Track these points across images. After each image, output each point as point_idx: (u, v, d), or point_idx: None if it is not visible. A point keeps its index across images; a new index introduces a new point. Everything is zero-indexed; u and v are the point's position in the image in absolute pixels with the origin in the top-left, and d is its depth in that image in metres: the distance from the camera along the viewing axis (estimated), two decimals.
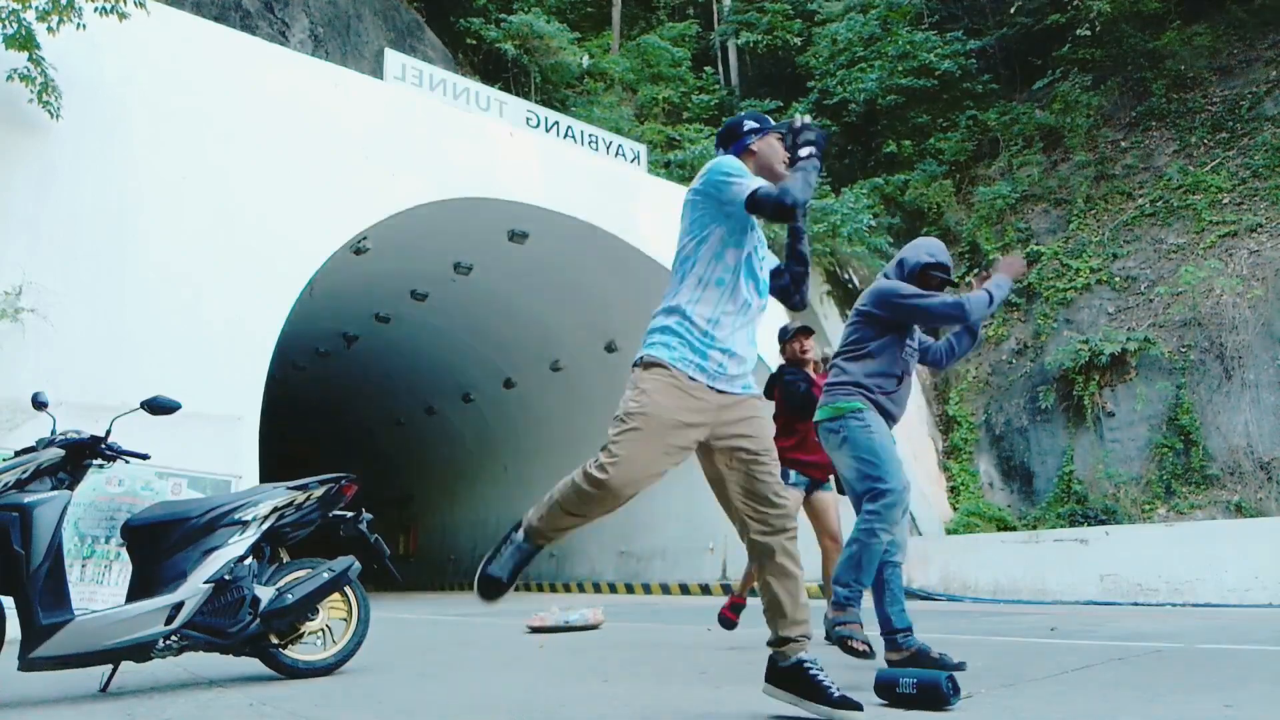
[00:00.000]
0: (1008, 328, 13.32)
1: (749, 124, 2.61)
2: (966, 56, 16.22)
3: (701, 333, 2.35)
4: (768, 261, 2.56)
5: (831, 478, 4.84)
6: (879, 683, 2.68)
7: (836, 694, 2.28)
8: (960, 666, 3.26)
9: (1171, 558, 7.82)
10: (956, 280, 4.26)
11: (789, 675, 2.36)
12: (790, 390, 4.85)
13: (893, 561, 3.39)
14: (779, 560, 2.36)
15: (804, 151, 2.44)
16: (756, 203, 2.31)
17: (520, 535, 2.42)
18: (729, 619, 5.07)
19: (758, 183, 2.36)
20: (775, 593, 2.38)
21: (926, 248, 3.61)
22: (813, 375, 4.95)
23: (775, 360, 5.33)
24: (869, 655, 2.94)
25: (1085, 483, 11.43)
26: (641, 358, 2.37)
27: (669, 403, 2.26)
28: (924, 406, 13.33)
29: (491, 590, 2.45)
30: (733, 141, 2.60)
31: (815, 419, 3.54)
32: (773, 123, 2.61)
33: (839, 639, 3.07)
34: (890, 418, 3.43)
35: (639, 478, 2.23)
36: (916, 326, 3.60)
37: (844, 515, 4.41)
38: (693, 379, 2.31)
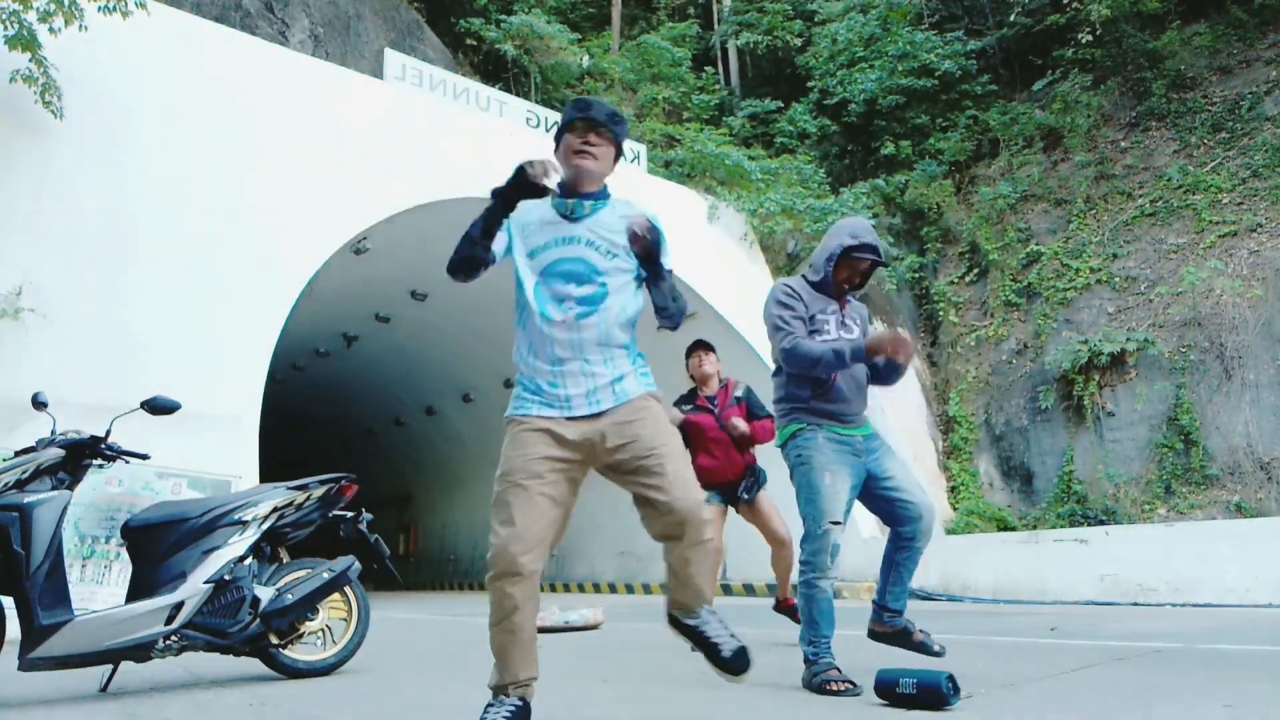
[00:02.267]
0: (1008, 328, 13.32)
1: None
2: (966, 57, 16.22)
3: (533, 373, 2.26)
4: (582, 261, 2.32)
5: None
6: (879, 683, 2.68)
7: (728, 652, 2.26)
8: (939, 653, 3.24)
9: (1171, 558, 7.82)
10: (888, 261, 4.05)
11: (676, 625, 2.35)
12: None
13: (911, 547, 3.22)
14: (679, 557, 2.23)
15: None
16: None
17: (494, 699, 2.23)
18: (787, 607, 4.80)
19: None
20: (670, 579, 2.30)
21: (850, 229, 3.33)
22: (709, 391, 4.80)
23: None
24: (854, 690, 2.86)
25: (1085, 483, 11.43)
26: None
27: (524, 449, 2.18)
28: (924, 406, 13.33)
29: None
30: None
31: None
32: (569, 112, 2.39)
33: (819, 685, 2.93)
34: (836, 414, 3.18)
35: (524, 533, 2.11)
36: (855, 310, 3.39)
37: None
38: (546, 416, 2.21)
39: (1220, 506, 9.96)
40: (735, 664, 2.26)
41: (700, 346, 4.92)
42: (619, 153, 2.45)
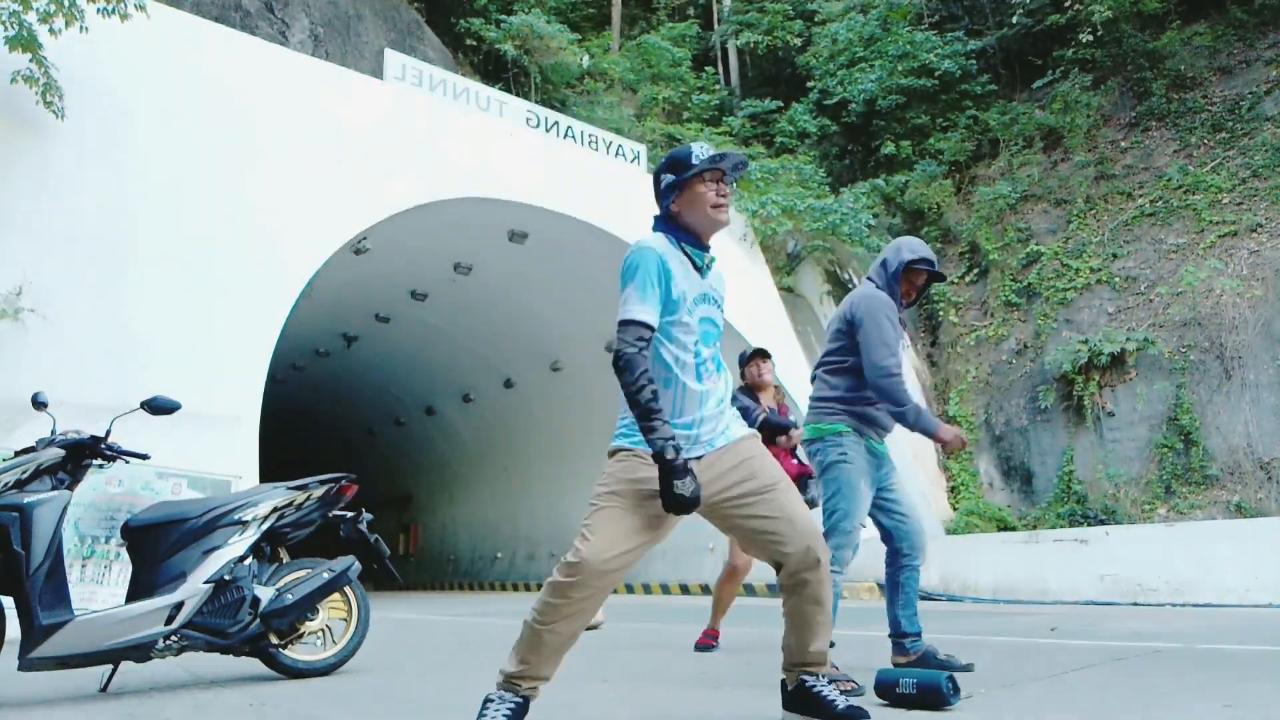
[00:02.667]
0: (1008, 328, 13.32)
1: (665, 177, 2.32)
2: (966, 57, 16.22)
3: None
4: (715, 310, 2.33)
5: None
6: (879, 683, 2.68)
7: (841, 707, 2.23)
8: (968, 668, 3.26)
9: (1171, 558, 7.82)
10: (945, 274, 4.18)
11: (797, 697, 2.31)
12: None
13: (911, 565, 3.38)
14: (812, 592, 2.23)
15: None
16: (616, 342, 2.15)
17: (496, 691, 2.18)
18: (707, 645, 4.61)
19: (633, 309, 2.14)
20: (800, 624, 2.27)
21: (908, 245, 3.52)
22: (767, 400, 4.83)
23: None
24: (856, 690, 2.87)
25: (1085, 483, 11.43)
26: (609, 450, 2.27)
27: (634, 475, 2.15)
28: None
29: None
30: (658, 202, 2.36)
31: (805, 437, 3.49)
32: (693, 160, 2.28)
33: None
34: (879, 427, 3.36)
35: (606, 554, 2.09)
36: (901, 329, 3.56)
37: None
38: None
39: (1220, 506, 9.96)
40: (852, 714, 2.20)
41: (759, 355, 4.96)
42: None
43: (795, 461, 4.79)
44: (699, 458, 2.22)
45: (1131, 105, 14.16)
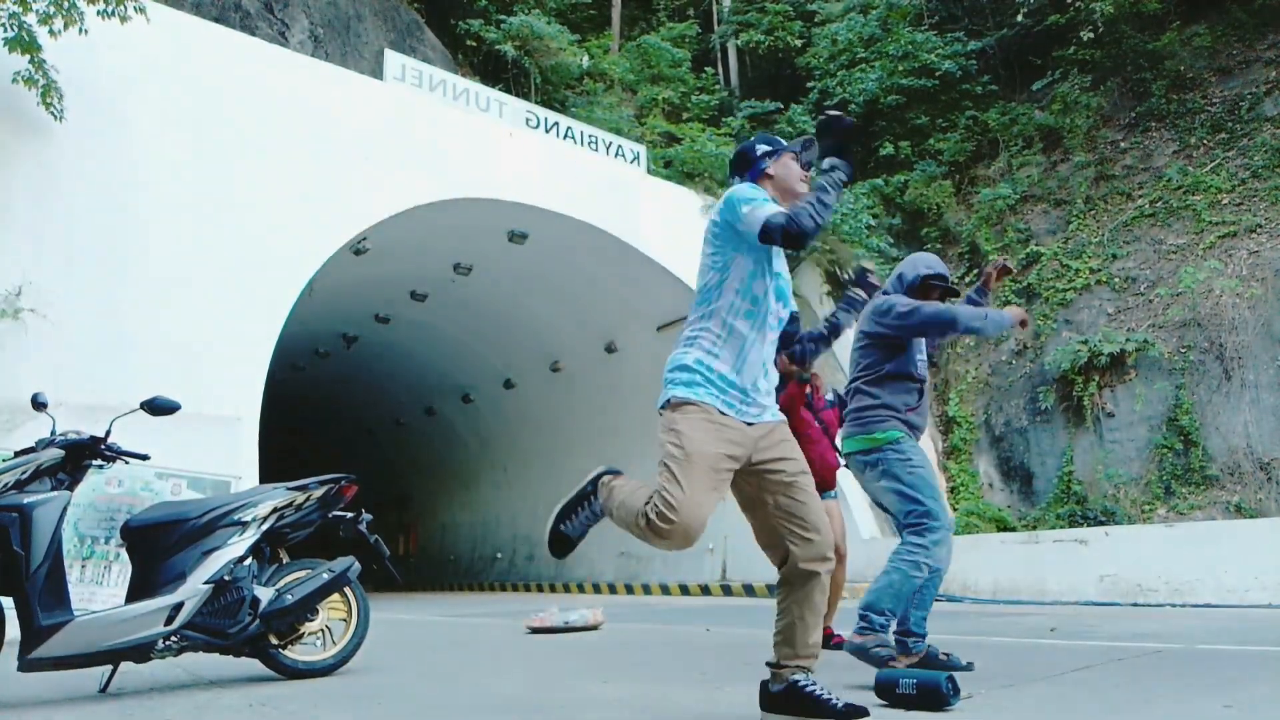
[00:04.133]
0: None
1: (761, 148, 2.53)
2: (966, 57, 16.21)
3: (721, 378, 2.31)
4: (786, 277, 2.50)
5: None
6: (879, 684, 2.68)
7: (840, 704, 2.25)
8: (968, 667, 3.27)
9: (1171, 558, 7.81)
10: (957, 288, 4.24)
11: (785, 698, 2.32)
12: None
13: (936, 570, 3.38)
14: (811, 590, 2.30)
15: (825, 163, 2.34)
16: (767, 233, 2.25)
17: (598, 505, 2.45)
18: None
19: (770, 209, 2.28)
20: (793, 621, 2.32)
21: (924, 261, 3.64)
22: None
23: None
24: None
25: (1085, 483, 11.43)
26: (669, 399, 2.32)
27: (706, 436, 2.23)
28: None
29: (564, 548, 2.50)
30: (747, 168, 2.53)
31: (847, 450, 3.51)
32: (784, 143, 2.54)
33: (883, 659, 3.02)
34: (917, 431, 3.44)
35: (701, 515, 2.19)
36: (922, 339, 3.58)
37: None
38: (723, 413, 2.28)
39: (1220, 507, 9.96)
40: (852, 711, 2.25)
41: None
42: None
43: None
44: (750, 424, 2.32)
45: (1131, 106, 14.15)
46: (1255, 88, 12.78)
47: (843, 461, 3.81)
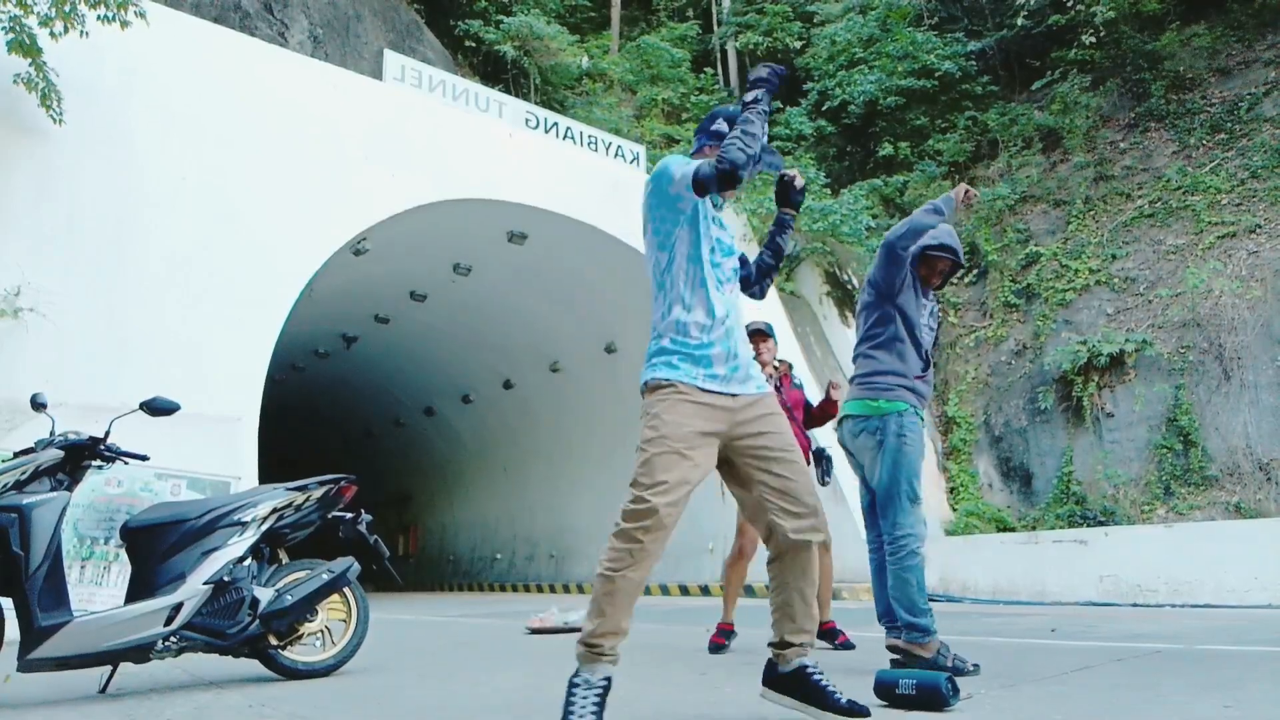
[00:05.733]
0: (1007, 328, 13.32)
1: (718, 125, 2.54)
2: (966, 58, 16.22)
3: (697, 342, 2.30)
4: (725, 225, 2.51)
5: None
6: (879, 684, 2.68)
7: (844, 700, 2.25)
8: (974, 670, 3.24)
9: (1171, 558, 7.82)
10: (966, 263, 4.25)
11: (791, 680, 2.32)
12: None
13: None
14: (804, 562, 2.29)
15: (749, 96, 2.35)
16: (700, 183, 2.26)
17: (579, 670, 2.19)
18: (719, 645, 4.60)
19: (697, 162, 2.32)
20: (789, 595, 2.32)
21: (933, 234, 3.56)
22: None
23: None
24: (975, 670, 3.05)
25: (1084, 483, 11.43)
26: (646, 382, 2.32)
27: (680, 418, 2.22)
28: None
29: None
30: (703, 130, 2.58)
31: (850, 411, 3.47)
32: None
33: (954, 669, 3.03)
34: (923, 399, 3.42)
35: (672, 497, 2.16)
36: (926, 301, 3.54)
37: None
38: (704, 389, 2.27)
39: (1220, 507, 9.96)
40: (855, 709, 2.23)
41: (757, 334, 4.77)
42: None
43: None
44: (735, 395, 2.30)
45: (1130, 106, 14.16)
46: (1255, 88, 12.78)
47: (835, 424, 3.77)
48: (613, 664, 2.19)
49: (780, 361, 4.93)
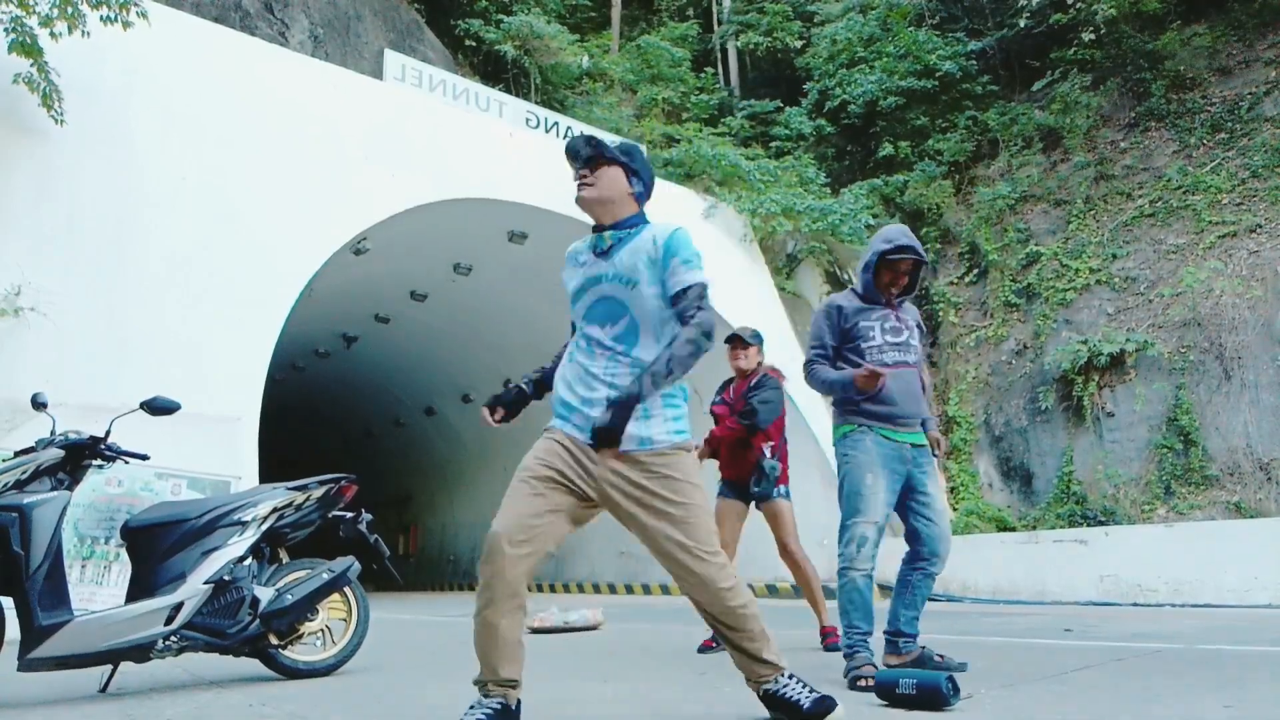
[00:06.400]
0: (1007, 328, 13.32)
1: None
2: (967, 57, 16.21)
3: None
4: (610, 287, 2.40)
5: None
6: (879, 684, 2.68)
7: (808, 704, 2.26)
8: (961, 667, 3.27)
9: (1171, 558, 7.82)
10: (928, 259, 4.16)
11: (766, 700, 2.36)
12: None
13: (927, 571, 3.34)
14: (716, 617, 2.30)
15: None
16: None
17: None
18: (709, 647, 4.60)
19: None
20: (729, 650, 2.37)
21: (884, 234, 3.46)
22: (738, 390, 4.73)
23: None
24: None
25: (1085, 483, 11.43)
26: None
27: (542, 459, 2.34)
28: None
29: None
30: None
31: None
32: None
33: (850, 680, 3.00)
34: (899, 417, 3.27)
35: (517, 527, 2.21)
36: (889, 310, 3.47)
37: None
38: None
39: (1220, 507, 9.96)
40: (818, 711, 2.25)
41: (733, 341, 4.77)
42: (630, 170, 2.39)
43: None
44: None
45: (1131, 106, 14.15)
46: (1255, 88, 12.78)
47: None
48: (506, 699, 2.20)
49: (771, 368, 4.88)
